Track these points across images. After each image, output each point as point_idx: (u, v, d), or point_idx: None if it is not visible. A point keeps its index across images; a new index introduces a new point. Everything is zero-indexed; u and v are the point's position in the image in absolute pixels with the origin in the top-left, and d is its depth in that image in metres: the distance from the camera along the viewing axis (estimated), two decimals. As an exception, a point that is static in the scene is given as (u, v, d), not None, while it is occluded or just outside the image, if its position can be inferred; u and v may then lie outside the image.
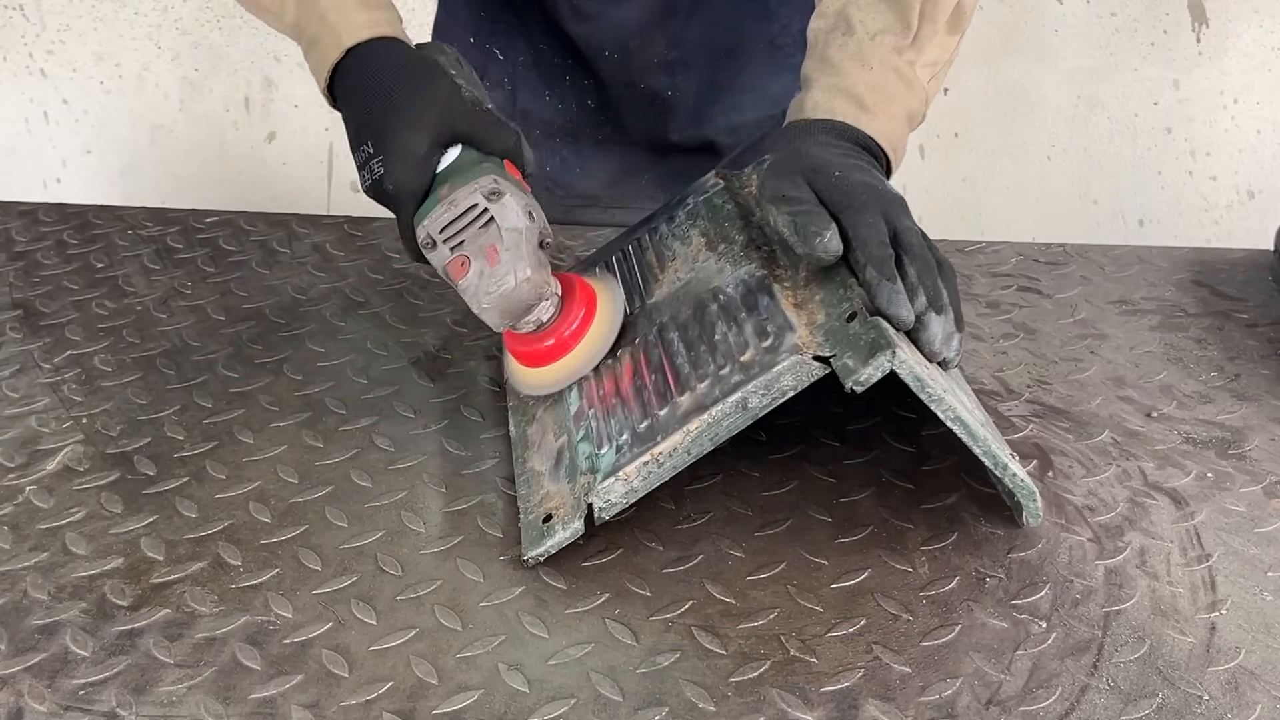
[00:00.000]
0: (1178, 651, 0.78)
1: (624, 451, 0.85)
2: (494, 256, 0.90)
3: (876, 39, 0.98)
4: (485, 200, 0.91)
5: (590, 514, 0.85)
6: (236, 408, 1.03)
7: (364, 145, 0.95)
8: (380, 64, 0.96)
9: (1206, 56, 2.19)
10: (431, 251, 0.93)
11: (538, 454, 0.93)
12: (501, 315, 0.91)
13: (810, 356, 0.82)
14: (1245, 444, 0.97)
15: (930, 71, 0.99)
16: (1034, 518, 0.87)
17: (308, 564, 0.86)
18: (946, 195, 2.36)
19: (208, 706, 0.75)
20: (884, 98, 0.97)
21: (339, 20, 0.97)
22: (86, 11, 2.41)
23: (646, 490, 0.85)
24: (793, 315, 0.86)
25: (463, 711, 0.75)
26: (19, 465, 0.96)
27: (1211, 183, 2.28)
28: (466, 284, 0.91)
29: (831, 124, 0.96)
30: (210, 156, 2.49)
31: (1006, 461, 0.84)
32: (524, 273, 0.89)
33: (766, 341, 0.84)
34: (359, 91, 0.96)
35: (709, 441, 0.84)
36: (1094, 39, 2.22)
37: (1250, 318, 1.13)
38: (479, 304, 0.91)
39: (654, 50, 1.25)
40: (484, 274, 0.90)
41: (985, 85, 2.28)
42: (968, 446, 0.83)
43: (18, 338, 1.13)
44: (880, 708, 0.74)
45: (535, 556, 0.85)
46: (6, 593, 0.84)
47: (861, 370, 0.79)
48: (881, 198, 0.88)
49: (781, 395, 0.83)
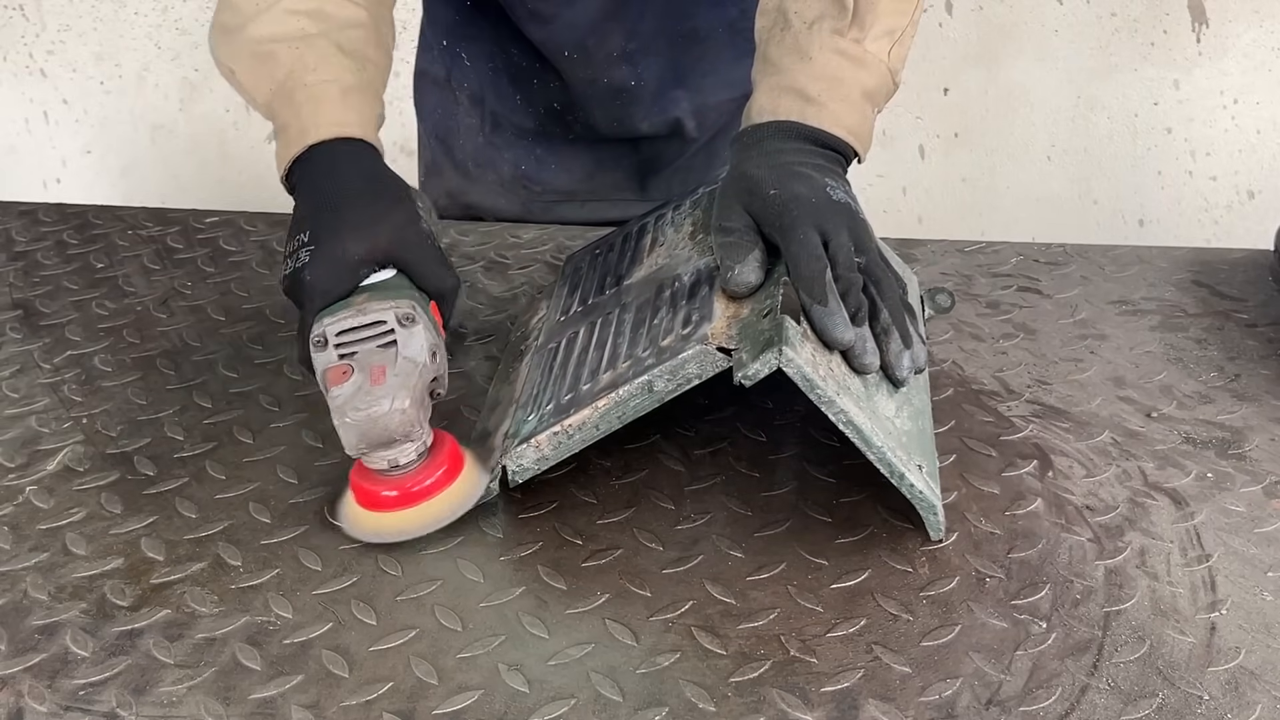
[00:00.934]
0: (1178, 651, 0.78)
1: (544, 420, 0.88)
2: (379, 377, 0.85)
3: (814, 27, 0.96)
4: (396, 322, 0.88)
5: (505, 476, 0.88)
6: (236, 408, 1.03)
7: (300, 235, 0.91)
8: (347, 166, 0.94)
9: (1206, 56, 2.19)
10: (320, 352, 0.87)
11: (493, 417, 0.96)
12: (360, 437, 0.85)
13: (714, 347, 0.84)
14: (1245, 444, 0.97)
15: (887, 42, 0.96)
16: (935, 531, 0.86)
17: (308, 564, 0.86)
18: (946, 195, 2.36)
19: (208, 707, 0.75)
20: (830, 85, 0.95)
21: (311, 114, 0.95)
22: (86, 11, 2.41)
23: (557, 459, 0.87)
24: (720, 307, 0.87)
25: (463, 712, 0.75)
26: (19, 465, 0.96)
27: (1211, 183, 2.28)
28: (339, 392, 0.85)
29: (778, 125, 0.94)
30: (210, 156, 2.49)
31: (905, 471, 0.83)
32: (402, 403, 0.84)
33: (685, 329, 0.86)
34: (316, 186, 0.94)
35: (616, 419, 0.86)
36: (1094, 39, 2.21)
37: (1250, 318, 1.13)
38: (343, 416, 0.84)
39: (612, 44, 1.25)
40: (360, 389, 0.85)
41: (985, 85, 2.28)
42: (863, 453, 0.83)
43: (18, 338, 1.13)
44: (880, 708, 0.74)
45: None
46: (6, 593, 0.84)
47: (750, 365, 0.81)
48: (815, 210, 0.88)
49: (686, 382, 0.84)
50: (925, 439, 0.90)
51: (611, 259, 1.04)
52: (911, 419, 0.90)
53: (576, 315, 0.99)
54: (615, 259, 1.03)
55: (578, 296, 1.02)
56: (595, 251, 1.08)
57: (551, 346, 0.97)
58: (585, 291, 1.02)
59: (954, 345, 1.09)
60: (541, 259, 1.24)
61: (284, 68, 0.97)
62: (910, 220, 2.35)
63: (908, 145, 2.33)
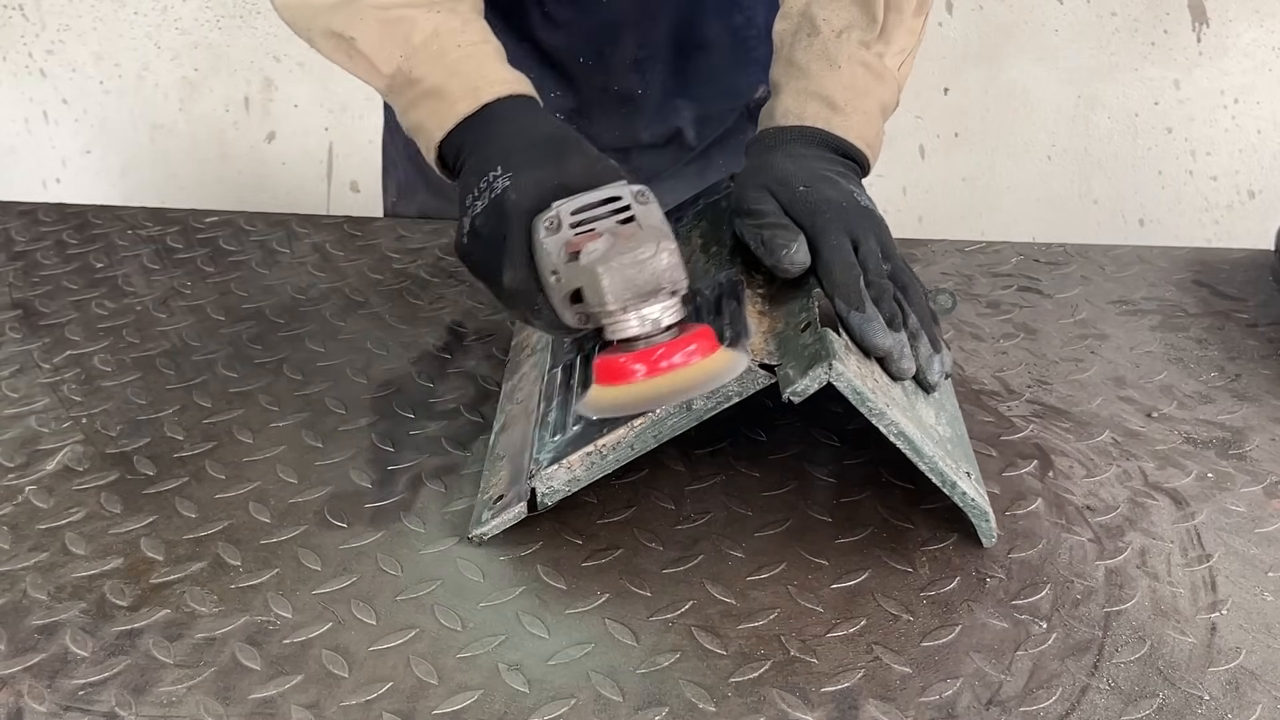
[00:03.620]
0: (1178, 652, 0.78)
1: (573, 440, 0.86)
2: (632, 237, 0.78)
3: (843, 36, 0.97)
4: (632, 197, 0.81)
5: (534, 498, 0.85)
6: (236, 408, 1.03)
7: (489, 173, 0.86)
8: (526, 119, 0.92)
9: (1207, 56, 2.19)
10: (552, 234, 0.80)
11: (506, 437, 0.94)
12: (625, 284, 0.77)
13: (757, 364, 0.82)
14: (1245, 444, 0.97)
15: (900, 59, 0.98)
16: (987, 538, 0.86)
17: (308, 564, 0.86)
18: (946, 195, 2.36)
19: (208, 706, 0.75)
20: (855, 95, 0.96)
21: (474, 73, 0.92)
22: (86, 11, 2.41)
23: (589, 480, 0.85)
24: (753, 322, 0.86)
25: (463, 711, 0.75)
26: (19, 465, 0.96)
27: (1211, 183, 2.28)
28: (593, 248, 0.77)
29: (803, 130, 0.95)
30: (210, 156, 2.49)
31: (956, 480, 0.83)
32: (669, 244, 0.78)
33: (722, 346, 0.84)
34: (499, 135, 0.90)
35: (652, 439, 0.84)
36: (1094, 39, 2.21)
37: (1250, 318, 1.13)
38: (606, 263, 0.77)
39: (626, 51, 1.24)
40: (616, 243, 0.77)
41: (985, 85, 2.28)
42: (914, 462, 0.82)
43: (18, 338, 1.13)
44: (880, 708, 0.74)
45: (479, 535, 0.87)
46: (6, 593, 0.84)
47: (799, 381, 0.79)
48: (845, 214, 0.88)
49: (726, 400, 0.83)
50: (964, 444, 0.90)
51: None
52: (949, 425, 0.90)
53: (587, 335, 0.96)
54: None
55: None
56: None
57: (565, 364, 0.95)
58: None
59: (954, 345, 1.09)
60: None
61: (424, 30, 0.93)
62: (910, 220, 2.34)
63: (908, 145, 2.33)
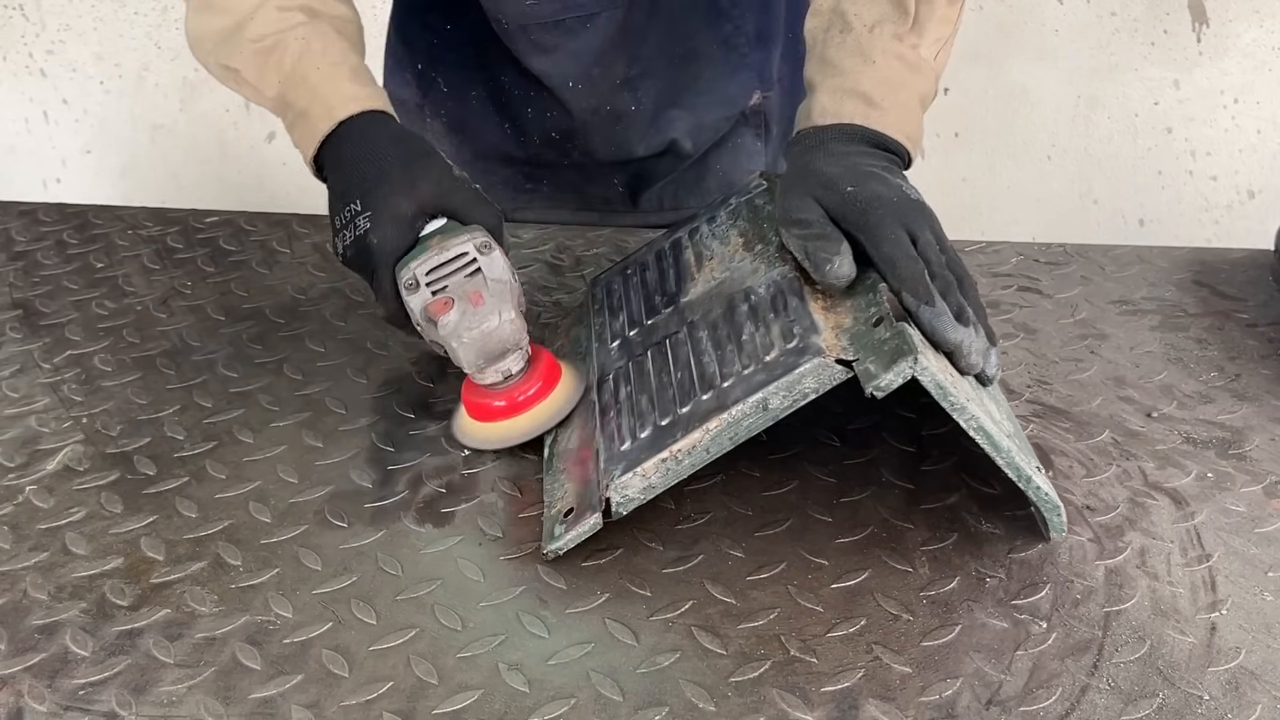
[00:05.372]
0: (1178, 651, 0.78)
1: (644, 447, 0.85)
2: (478, 300, 0.93)
3: (875, 30, 0.96)
4: (475, 251, 0.95)
5: (608, 508, 0.85)
6: (236, 408, 1.03)
7: (350, 205, 0.97)
8: (375, 134, 1.00)
9: (1206, 56, 2.19)
10: (413, 294, 0.94)
11: (565, 449, 0.93)
12: (478, 354, 0.93)
13: (834, 359, 0.81)
14: (1245, 444, 0.97)
15: (935, 48, 0.97)
16: (1058, 532, 0.86)
17: (308, 564, 0.86)
18: (946, 195, 2.36)
19: (208, 706, 0.75)
20: (892, 89, 0.95)
21: (331, 93, 1.00)
22: (86, 11, 2.41)
23: (665, 487, 0.85)
24: (820, 318, 0.85)
25: (463, 711, 0.75)
26: (19, 465, 0.96)
27: (1211, 183, 2.28)
28: (448, 320, 0.93)
29: (841, 128, 0.94)
30: (210, 156, 2.49)
31: (1030, 474, 0.83)
32: (508, 314, 0.93)
33: (791, 343, 0.84)
34: (351, 158, 0.99)
35: (728, 440, 0.84)
36: (1094, 39, 2.21)
37: (1250, 318, 1.13)
38: (459, 338, 0.92)
39: (616, 71, 1.24)
40: (466, 313, 0.93)
41: (985, 85, 2.28)
42: (990, 457, 0.82)
43: (18, 338, 1.13)
44: (880, 708, 0.74)
45: (554, 550, 0.85)
46: (6, 593, 0.84)
47: (883, 376, 0.78)
48: (899, 209, 0.87)
49: (803, 397, 0.82)
50: (1024, 439, 0.90)
51: (652, 278, 1.01)
52: (1009, 420, 0.90)
53: (634, 340, 0.96)
54: (657, 278, 1.00)
55: (623, 319, 0.99)
56: (626, 272, 1.05)
57: (616, 372, 0.94)
58: (633, 314, 0.99)
59: (954, 345, 1.09)
60: (542, 259, 1.24)
61: (292, 55, 1.01)
62: (910, 220, 2.35)
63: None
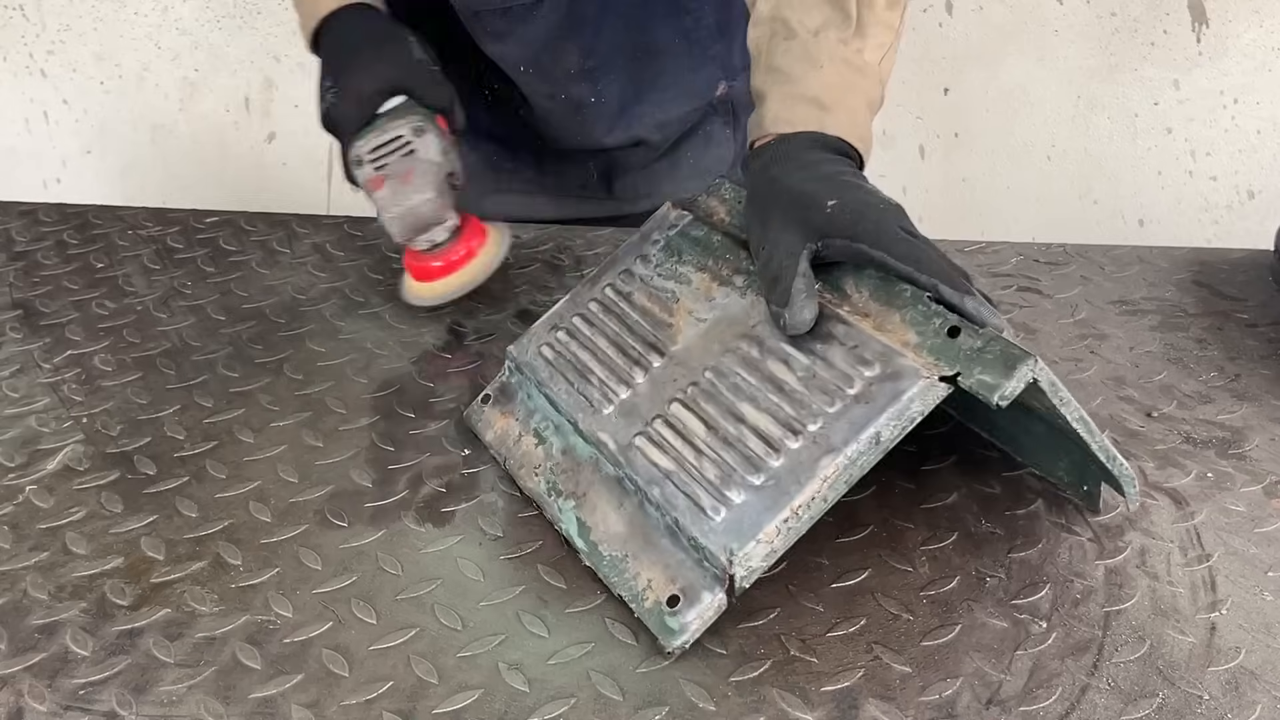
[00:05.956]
0: (1178, 651, 0.78)
1: (751, 511, 0.79)
2: (408, 179, 1.08)
3: (820, 35, 0.96)
4: (410, 134, 1.09)
5: (732, 584, 0.78)
6: (236, 407, 1.03)
7: (325, 80, 1.12)
8: (352, 23, 1.14)
9: (1206, 56, 2.19)
10: (358, 169, 1.09)
11: (607, 534, 0.85)
12: (402, 227, 1.09)
13: (936, 378, 0.78)
14: (1245, 444, 0.97)
15: (879, 53, 0.97)
16: (1133, 502, 0.89)
17: (308, 564, 0.86)
18: (946, 195, 2.36)
19: (208, 706, 0.75)
20: (841, 93, 0.95)
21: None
22: (86, 11, 2.41)
23: (785, 548, 0.79)
24: (885, 339, 0.82)
25: (463, 711, 0.75)
26: (19, 465, 0.96)
27: (1211, 183, 2.28)
28: (380, 196, 1.08)
29: (800, 137, 0.93)
30: (210, 156, 2.49)
31: (1117, 454, 0.85)
32: (427, 194, 1.08)
33: (872, 370, 0.80)
34: (331, 43, 1.14)
35: (844, 484, 0.79)
36: (1094, 39, 2.21)
37: (1250, 318, 1.13)
38: (386, 213, 1.09)
39: (569, 61, 1.25)
40: (396, 191, 1.08)
41: (985, 85, 2.28)
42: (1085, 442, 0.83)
43: (18, 338, 1.13)
44: (880, 708, 0.74)
45: (682, 645, 0.78)
46: (6, 593, 0.84)
47: (1005, 384, 0.76)
48: (886, 213, 0.85)
49: (910, 423, 0.79)
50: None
51: (611, 331, 0.93)
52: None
53: (636, 403, 0.88)
54: (621, 331, 0.93)
55: (597, 382, 0.90)
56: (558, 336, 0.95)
57: (640, 440, 0.85)
58: (617, 373, 0.90)
59: (954, 345, 1.09)
60: (542, 259, 1.24)
61: None
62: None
63: (908, 145, 2.33)
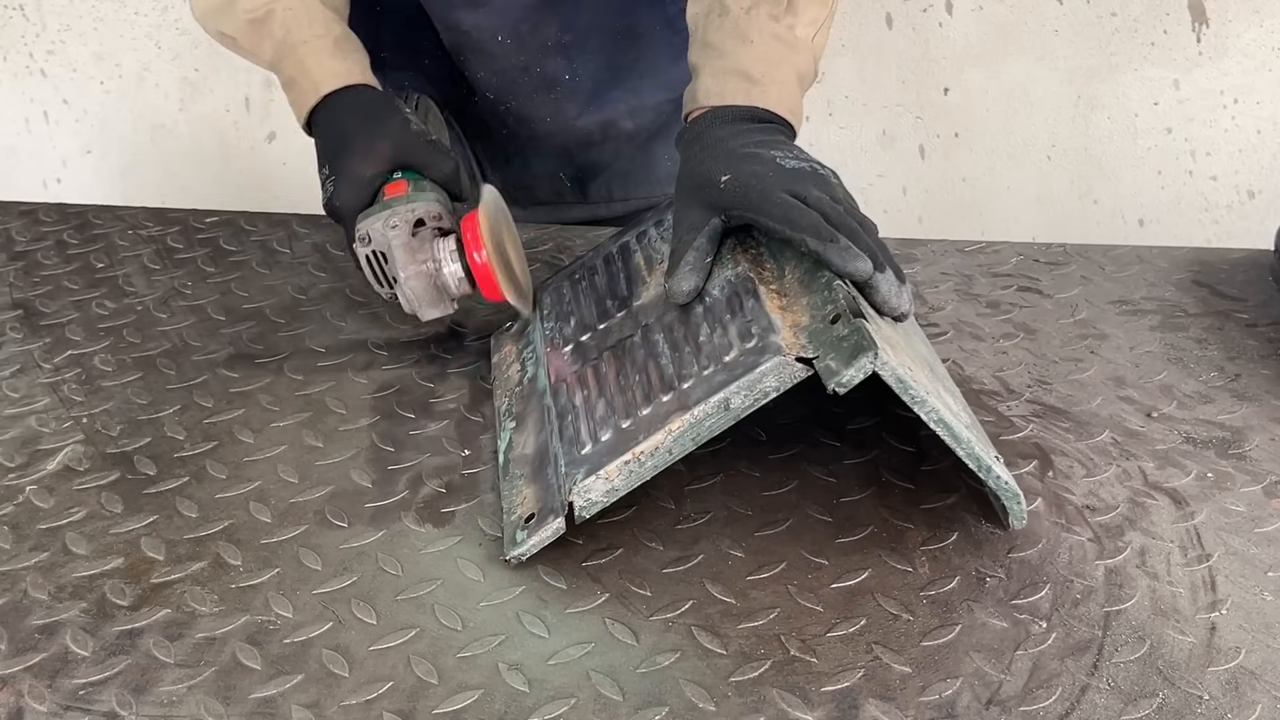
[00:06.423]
0: (1178, 651, 0.78)
1: (606, 450, 0.85)
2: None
3: (752, 12, 1.01)
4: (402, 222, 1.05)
5: (571, 512, 0.85)
6: (236, 408, 1.03)
7: (323, 169, 1.09)
8: (344, 105, 1.11)
9: (1206, 56, 2.19)
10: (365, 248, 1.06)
11: (520, 455, 0.93)
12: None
13: (793, 358, 0.82)
14: (1245, 444, 0.97)
15: (812, 29, 1.02)
16: (1018, 520, 0.87)
17: (308, 564, 0.86)
18: (946, 195, 2.36)
19: (208, 706, 0.75)
20: (771, 67, 0.99)
21: (315, 67, 1.10)
22: (86, 11, 2.41)
23: (627, 489, 0.85)
24: (777, 317, 0.86)
25: (463, 711, 0.75)
26: (19, 465, 0.96)
27: (1211, 183, 2.28)
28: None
29: (720, 111, 0.98)
30: (210, 156, 2.48)
31: (990, 464, 0.84)
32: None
33: (750, 343, 0.85)
34: (326, 127, 1.11)
35: (690, 441, 0.84)
36: (1094, 39, 2.21)
37: (1250, 318, 1.13)
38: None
39: (546, 33, 1.26)
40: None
41: (985, 85, 2.28)
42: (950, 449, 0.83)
43: (18, 338, 1.13)
44: (880, 708, 0.74)
45: (517, 556, 0.86)
46: (6, 593, 0.84)
47: (844, 372, 0.79)
48: (777, 180, 0.90)
49: (764, 396, 0.83)
50: (980, 430, 0.90)
51: (601, 283, 1.02)
52: (965, 411, 0.90)
53: (587, 345, 0.97)
54: (607, 283, 1.01)
55: (574, 324, 1.00)
56: (574, 276, 1.05)
57: (572, 376, 0.94)
58: (584, 318, 1.00)
59: (954, 345, 1.09)
60: (541, 258, 1.24)
61: (281, 27, 1.11)
62: (910, 220, 2.34)
63: (908, 145, 2.33)
